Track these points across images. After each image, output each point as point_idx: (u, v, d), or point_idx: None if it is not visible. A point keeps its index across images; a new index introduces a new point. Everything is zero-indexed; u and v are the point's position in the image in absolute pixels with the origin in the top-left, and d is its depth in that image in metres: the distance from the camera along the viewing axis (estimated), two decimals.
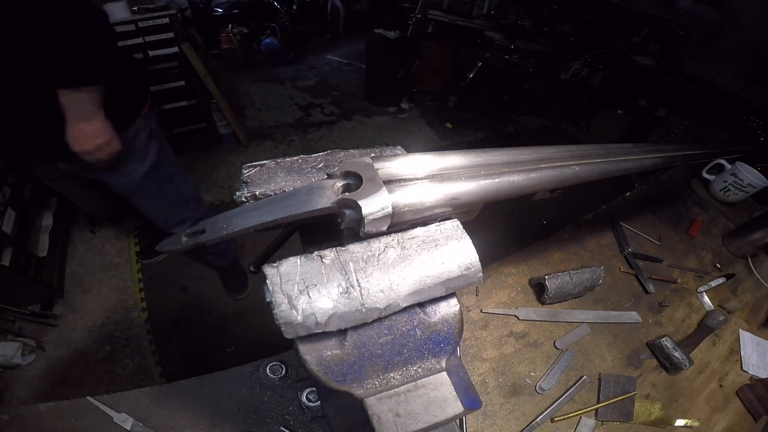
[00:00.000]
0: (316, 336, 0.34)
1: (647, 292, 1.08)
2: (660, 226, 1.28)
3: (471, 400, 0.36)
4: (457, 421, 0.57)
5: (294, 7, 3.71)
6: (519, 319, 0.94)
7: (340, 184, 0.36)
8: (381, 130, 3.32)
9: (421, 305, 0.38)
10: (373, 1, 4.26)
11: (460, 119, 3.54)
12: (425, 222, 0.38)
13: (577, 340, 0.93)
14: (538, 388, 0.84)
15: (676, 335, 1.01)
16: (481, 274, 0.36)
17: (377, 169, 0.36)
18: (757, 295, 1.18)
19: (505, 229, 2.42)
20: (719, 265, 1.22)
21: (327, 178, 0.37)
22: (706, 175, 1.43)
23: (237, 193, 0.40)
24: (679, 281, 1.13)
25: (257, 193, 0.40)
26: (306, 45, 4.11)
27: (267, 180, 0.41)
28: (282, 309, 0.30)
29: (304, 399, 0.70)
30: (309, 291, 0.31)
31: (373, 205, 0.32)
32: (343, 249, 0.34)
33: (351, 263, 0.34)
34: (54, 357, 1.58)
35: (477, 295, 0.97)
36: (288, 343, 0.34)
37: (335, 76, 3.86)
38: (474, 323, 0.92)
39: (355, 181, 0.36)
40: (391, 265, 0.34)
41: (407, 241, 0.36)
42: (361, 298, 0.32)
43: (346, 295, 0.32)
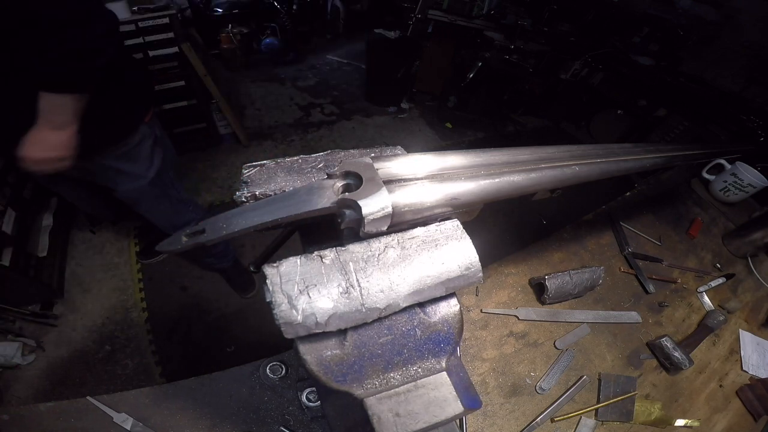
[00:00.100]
0: (316, 336, 0.34)
1: (647, 292, 1.08)
2: (660, 226, 1.28)
3: (471, 400, 0.36)
4: (457, 421, 0.57)
5: (294, 7, 3.71)
6: (519, 319, 0.94)
7: (340, 184, 0.36)
8: (381, 130, 3.31)
9: (421, 305, 0.38)
10: (373, 1, 4.25)
11: (460, 119, 3.54)
12: (425, 222, 0.38)
13: (577, 340, 0.93)
14: (538, 388, 0.84)
15: (676, 335, 1.01)
16: (481, 274, 0.36)
17: (377, 169, 0.36)
18: (757, 295, 1.18)
19: (505, 229, 2.42)
20: (719, 265, 1.22)
21: (327, 178, 0.37)
22: (706, 175, 1.43)
23: (237, 193, 0.40)
24: (679, 281, 1.13)
25: (257, 193, 0.40)
26: (306, 45, 4.10)
27: (267, 180, 0.41)
28: (282, 309, 0.30)
29: (304, 399, 0.70)
30: (309, 291, 0.31)
31: (373, 205, 0.32)
32: (343, 249, 0.34)
33: (351, 263, 0.34)
34: (54, 357, 1.58)
35: (477, 295, 0.97)
36: (288, 343, 0.34)
37: (335, 76, 3.86)
38: (474, 323, 0.92)
39: (355, 181, 0.36)
40: (391, 265, 0.34)
41: (407, 241, 0.36)
42: (361, 298, 0.32)
43: (346, 295, 0.32)
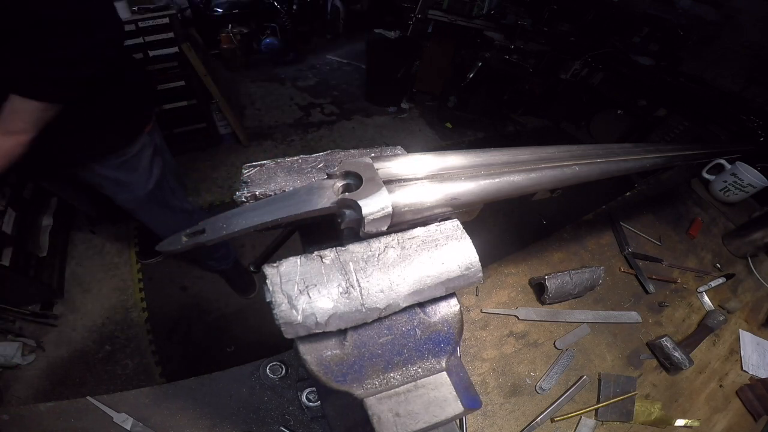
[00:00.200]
0: (316, 336, 0.33)
1: (647, 292, 1.08)
2: (660, 226, 1.28)
3: (471, 400, 0.36)
4: (457, 421, 0.57)
5: (294, 7, 3.71)
6: (519, 319, 0.94)
7: (340, 184, 0.36)
8: (381, 130, 3.31)
9: (421, 305, 0.38)
10: (373, 1, 4.25)
11: (460, 119, 3.54)
12: (425, 222, 0.38)
13: (577, 340, 0.93)
14: (538, 388, 0.84)
15: (676, 335, 1.01)
16: (481, 274, 0.36)
17: (377, 169, 0.36)
18: (757, 295, 1.18)
19: (505, 229, 2.42)
20: (719, 265, 1.22)
21: (327, 178, 0.37)
22: (706, 175, 1.43)
23: (237, 193, 0.40)
24: (679, 281, 1.13)
25: (257, 193, 0.39)
26: (306, 45, 4.10)
27: (267, 180, 0.41)
28: (282, 309, 0.30)
29: (304, 399, 0.70)
30: (309, 291, 0.31)
31: (373, 205, 0.32)
32: (343, 249, 0.34)
33: (351, 263, 0.34)
34: (54, 357, 1.58)
35: (477, 295, 0.97)
36: (288, 343, 0.34)
37: (335, 76, 3.86)
38: (474, 323, 0.92)
39: (355, 181, 0.36)
40: (391, 265, 0.34)
41: (407, 241, 0.36)
42: (361, 298, 0.32)
43: (346, 295, 0.32)
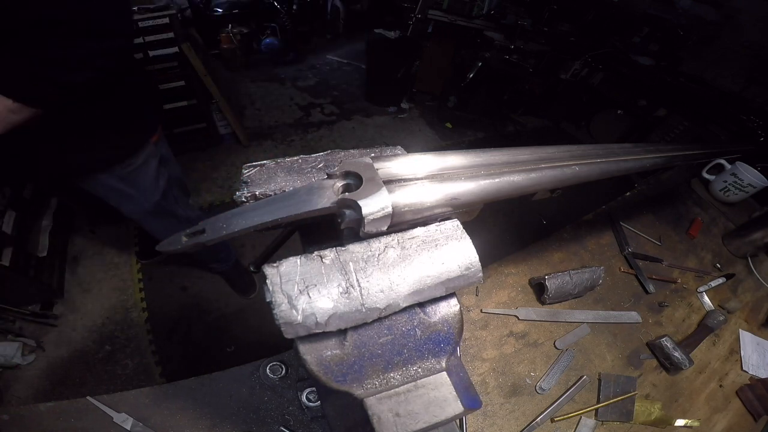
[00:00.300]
0: (316, 336, 0.33)
1: (647, 292, 1.08)
2: (660, 226, 1.28)
3: (471, 400, 0.36)
4: (457, 421, 0.57)
5: (294, 7, 3.71)
6: (519, 319, 0.94)
7: (340, 184, 0.36)
8: (381, 130, 3.31)
9: (421, 305, 0.38)
10: (373, 1, 4.25)
11: (460, 119, 3.54)
12: (425, 222, 0.38)
13: (577, 340, 0.93)
14: (538, 388, 0.84)
15: (676, 335, 1.01)
16: (481, 274, 0.36)
17: (377, 169, 0.36)
18: (757, 295, 1.18)
19: (505, 229, 2.42)
20: (719, 265, 1.22)
21: (327, 178, 0.37)
22: (706, 175, 1.43)
23: (237, 193, 0.39)
24: (679, 281, 1.13)
25: (257, 193, 0.39)
26: (306, 45, 4.10)
27: (267, 180, 0.41)
28: (282, 309, 0.30)
29: (304, 399, 0.70)
30: (309, 291, 0.31)
31: (373, 205, 0.32)
32: (343, 249, 0.34)
33: (351, 263, 0.34)
34: (54, 357, 1.58)
35: (477, 295, 0.97)
36: (288, 343, 0.34)
37: (335, 76, 3.86)
38: (474, 323, 0.92)
39: (355, 181, 0.36)
40: (391, 265, 0.34)
41: (407, 241, 0.36)
42: (361, 298, 0.32)
43: (346, 295, 0.32)
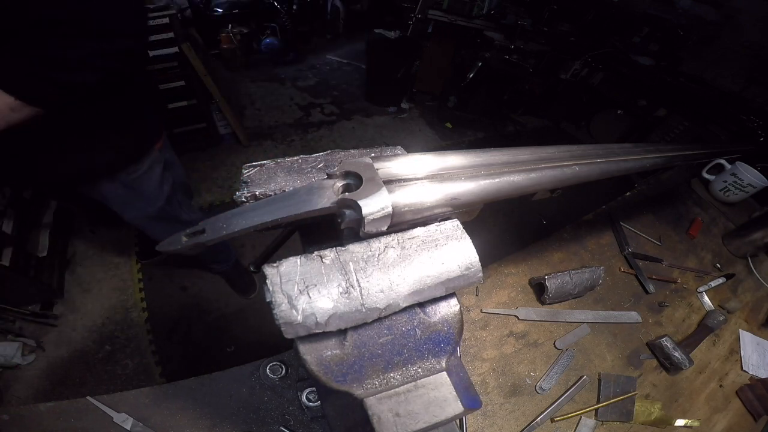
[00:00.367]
0: (316, 336, 0.33)
1: (647, 292, 1.08)
2: (660, 226, 1.28)
3: (471, 400, 0.35)
4: (457, 421, 0.57)
5: (294, 7, 3.71)
6: (519, 319, 0.94)
7: (340, 184, 0.36)
8: (381, 130, 3.31)
9: (421, 305, 0.38)
10: (373, 1, 4.25)
11: (460, 119, 3.54)
12: (425, 222, 0.38)
13: (577, 340, 0.93)
14: (538, 388, 0.84)
15: (676, 335, 1.01)
16: (481, 274, 0.36)
17: (377, 169, 0.36)
18: (757, 295, 1.18)
19: (505, 229, 2.42)
20: (719, 265, 1.22)
21: (327, 178, 0.37)
22: (706, 175, 1.43)
23: (237, 193, 0.39)
24: (679, 281, 1.13)
25: (257, 193, 0.39)
26: (306, 45, 4.10)
27: (267, 180, 0.41)
28: (282, 309, 0.30)
29: (304, 399, 0.70)
30: (309, 291, 0.31)
31: (373, 205, 0.32)
32: (343, 249, 0.34)
33: (351, 263, 0.34)
34: (54, 357, 1.58)
35: (477, 295, 0.97)
36: (288, 343, 0.34)
37: (335, 76, 3.86)
38: (474, 323, 0.92)
39: (355, 181, 0.36)
40: (391, 265, 0.34)
41: (407, 241, 0.36)
42: (361, 298, 0.32)
43: (346, 295, 0.32)
